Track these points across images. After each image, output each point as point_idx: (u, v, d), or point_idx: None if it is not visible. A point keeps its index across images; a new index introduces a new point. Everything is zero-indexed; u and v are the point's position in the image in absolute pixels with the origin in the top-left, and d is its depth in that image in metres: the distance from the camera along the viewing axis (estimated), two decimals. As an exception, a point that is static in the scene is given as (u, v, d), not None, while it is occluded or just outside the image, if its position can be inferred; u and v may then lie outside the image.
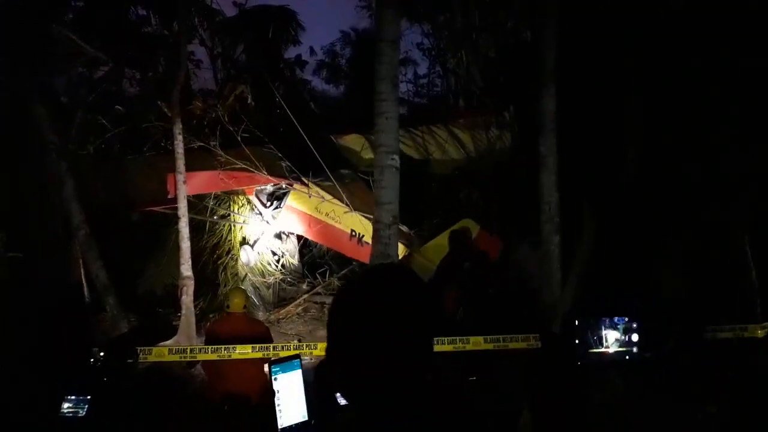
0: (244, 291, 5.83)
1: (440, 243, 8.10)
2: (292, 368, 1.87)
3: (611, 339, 2.53)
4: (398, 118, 6.63)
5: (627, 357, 2.53)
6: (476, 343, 3.91)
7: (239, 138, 8.91)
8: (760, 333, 4.25)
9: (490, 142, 10.03)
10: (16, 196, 7.10)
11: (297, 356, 1.91)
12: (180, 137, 8.81)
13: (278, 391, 1.86)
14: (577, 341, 2.50)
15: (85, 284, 10.05)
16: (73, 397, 2.75)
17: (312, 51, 20.69)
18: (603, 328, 2.52)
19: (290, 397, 1.84)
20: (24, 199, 6.90)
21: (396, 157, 6.51)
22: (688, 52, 6.59)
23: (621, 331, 2.53)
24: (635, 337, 2.52)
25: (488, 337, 3.93)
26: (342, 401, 2.00)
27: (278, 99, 9.66)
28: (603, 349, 2.52)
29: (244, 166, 8.63)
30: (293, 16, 16.61)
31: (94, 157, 9.41)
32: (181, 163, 8.68)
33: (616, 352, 2.53)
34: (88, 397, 2.71)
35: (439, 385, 1.08)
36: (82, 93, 12.14)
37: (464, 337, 3.86)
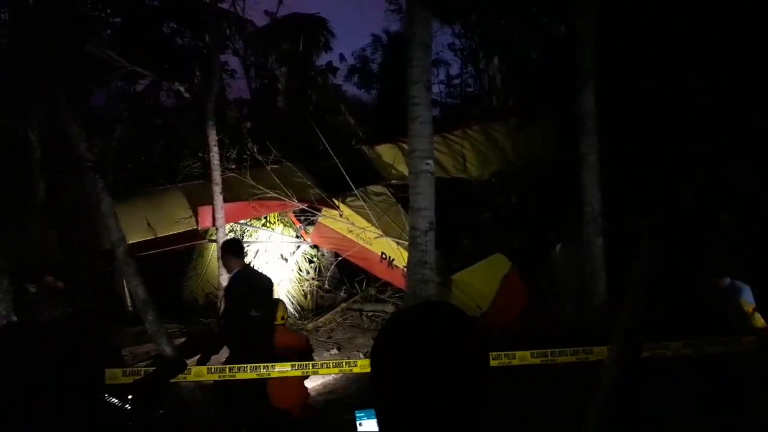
0: (282, 302, 5.78)
1: (470, 279, 7.80)
2: None
3: None
4: (432, 122, 6.49)
5: None
6: (522, 357, 3.74)
7: (268, 164, 9.25)
8: None
9: (528, 143, 9.77)
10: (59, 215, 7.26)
11: None
12: (216, 148, 8.88)
13: None
14: None
15: (128, 296, 10.28)
16: None
17: (342, 57, 20.72)
18: None
19: None
20: (65, 219, 7.05)
21: (431, 162, 6.36)
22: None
23: None
24: None
25: (535, 351, 3.75)
26: None
27: (308, 118, 9.81)
28: None
29: (275, 195, 8.94)
30: (324, 24, 16.60)
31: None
32: (217, 174, 8.73)
33: None
34: None
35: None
36: (121, 107, 12.44)
37: (510, 352, 3.69)
